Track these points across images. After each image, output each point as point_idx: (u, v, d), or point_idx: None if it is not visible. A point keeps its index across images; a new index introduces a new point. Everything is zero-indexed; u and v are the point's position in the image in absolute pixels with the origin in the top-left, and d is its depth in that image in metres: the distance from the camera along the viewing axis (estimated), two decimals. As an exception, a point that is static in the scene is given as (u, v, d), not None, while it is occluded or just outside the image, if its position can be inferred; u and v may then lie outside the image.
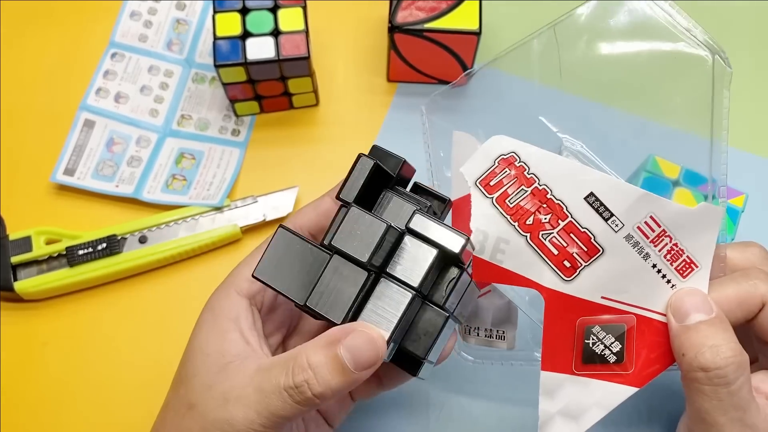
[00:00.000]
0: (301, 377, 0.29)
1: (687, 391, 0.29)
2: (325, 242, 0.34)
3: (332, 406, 0.38)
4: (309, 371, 0.29)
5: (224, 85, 0.51)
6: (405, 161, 0.36)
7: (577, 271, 0.33)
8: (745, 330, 0.33)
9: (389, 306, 0.30)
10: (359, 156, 0.35)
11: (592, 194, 0.33)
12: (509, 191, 0.34)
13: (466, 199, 0.35)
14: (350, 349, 0.29)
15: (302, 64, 0.50)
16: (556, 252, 0.33)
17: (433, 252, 0.31)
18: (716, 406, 0.28)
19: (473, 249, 0.34)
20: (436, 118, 0.55)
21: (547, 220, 0.33)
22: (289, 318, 0.38)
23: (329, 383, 0.29)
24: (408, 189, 0.37)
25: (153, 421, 0.47)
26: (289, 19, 0.50)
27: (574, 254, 0.33)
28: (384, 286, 0.30)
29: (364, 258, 0.29)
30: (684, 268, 0.32)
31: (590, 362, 0.32)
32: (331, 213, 0.35)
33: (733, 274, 0.33)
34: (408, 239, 0.31)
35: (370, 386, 0.37)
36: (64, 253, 0.49)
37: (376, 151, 0.36)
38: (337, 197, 0.34)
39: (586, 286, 0.33)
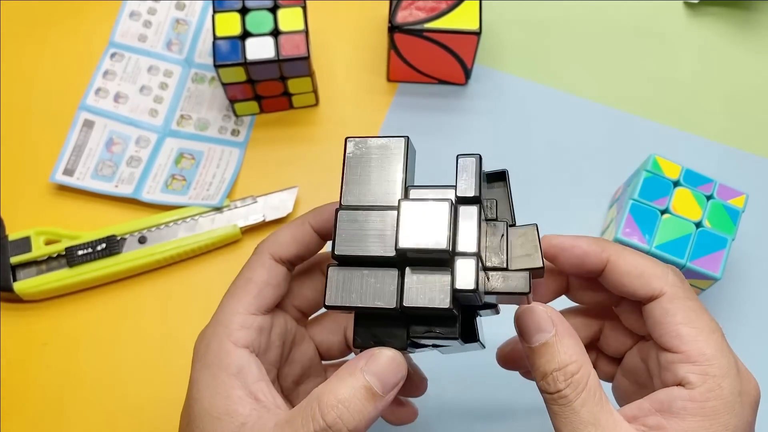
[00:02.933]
0: (333, 415, 0.28)
1: (547, 408, 0.30)
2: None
3: None
4: (340, 406, 0.28)
5: (224, 85, 0.51)
6: None
7: None
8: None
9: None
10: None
11: None
12: None
13: None
14: (375, 373, 0.28)
15: (302, 64, 0.50)
16: None
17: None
18: (564, 424, 0.29)
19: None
20: (437, 119, 0.55)
21: None
22: (281, 351, 0.35)
23: (363, 413, 0.28)
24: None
25: (152, 421, 0.47)
26: (289, 19, 0.50)
27: None
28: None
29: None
30: None
31: None
32: (311, 243, 0.34)
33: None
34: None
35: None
36: (64, 253, 0.49)
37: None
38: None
39: None
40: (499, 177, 0.32)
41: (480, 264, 0.28)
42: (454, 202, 0.28)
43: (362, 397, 0.28)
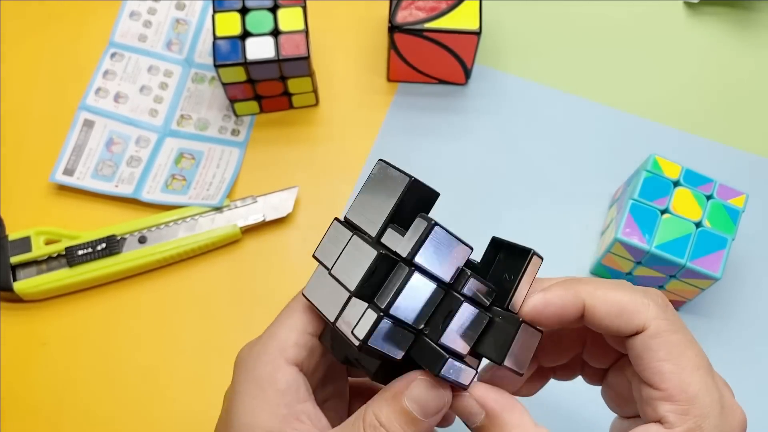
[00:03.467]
0: None
1: None
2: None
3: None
4: (381, 429, 0.28)
5: (224, 85, 0.51)
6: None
7: None
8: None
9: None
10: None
11: None
12: None
13: None
14: (415, 400, 0.28)
15: (302, 64, 0.50)
16: None
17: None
18: None
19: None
20: (437, 120, 0.55)
21: None
22: (324, 369, 0.35)
23: None
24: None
25: (152, 421, 0.47)
26: (289, 18, 0.50)
27: None
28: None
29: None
30: None
31: None
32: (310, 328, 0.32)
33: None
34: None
35: None
36: (64, 253, 0.49)
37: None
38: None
39: None
40: (522, 253, 0.30)
41: (387, 320, 0.28)
42: (380, 251, 0.28)
43: (402, 421, 0.28)
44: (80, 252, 0.49)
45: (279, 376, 0.30)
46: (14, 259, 0.49)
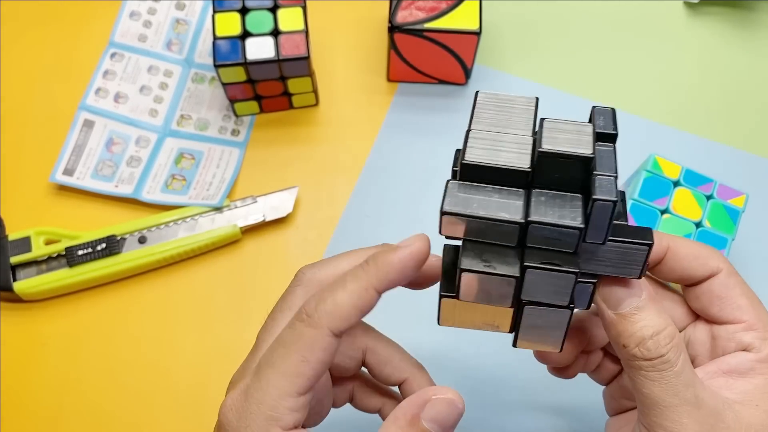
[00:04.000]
0: None
1: (633, 379, 0.30)
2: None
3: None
4: None
5: (224, 85, 0.51)
6: None
7: None
8: None
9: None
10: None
11: None
12: None
13: None
14: (434, 419, 0.28)
15: (302, 64, 0.50)
16: None
17: None
18: (665, 389, 0.29)
19: None
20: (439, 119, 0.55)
21: None
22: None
23: None
24: None
25: (152, 421, 0.47)
26: (289, 18, 0.50)
27: None
28: None
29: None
30: None
31: None
32: (372, 307, 0.30)
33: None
34: None
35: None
36: (64, 253, 0.49)
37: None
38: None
39: None
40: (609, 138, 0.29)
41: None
42: (591, 125, 0.27)
43: None
44: (80, 252, 0.49)
45: None
46: (14, 259, 0.49)
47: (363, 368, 0.36)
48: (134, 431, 0.47)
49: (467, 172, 0.26)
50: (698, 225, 0.45)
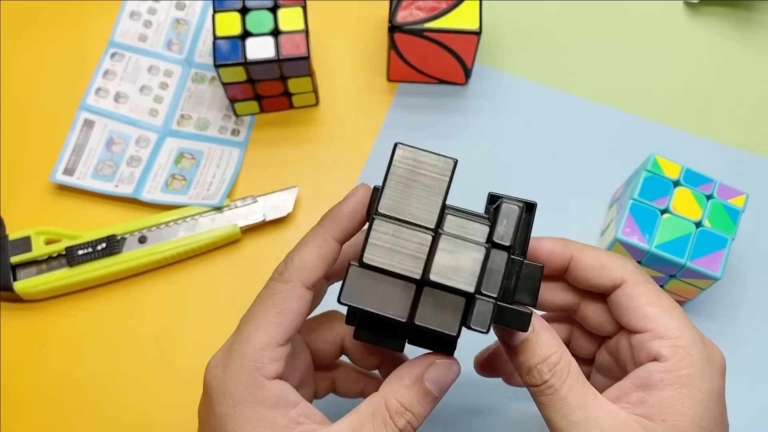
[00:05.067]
0: (403, 421, 0.30)
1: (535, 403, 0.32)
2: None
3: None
4: (407, 413, 0.30)
5: (224, 84, 0.51)
6: None
7: None
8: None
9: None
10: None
11: None
12: None
13: None
14: (435, 381, 0.31)
15: (302, 64, 0.50)
16: None
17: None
18: (554, 412, 0.31)
19: None
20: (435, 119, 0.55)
21: None
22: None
23: (424, 415, 0.31)
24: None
25: (152, 421, 0.47)
26: (289, 18, 0.50)
27: None
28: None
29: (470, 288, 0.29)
30: None
31: None
32: (335, 258, 0.32)
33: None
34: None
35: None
36: (64, 253, 0.49)
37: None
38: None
39: None
40: (528, 208, 0.33)
41: (495, 307, 0.30)
42: (487, 245, 0.29)
43: (425, 402, 0.31)
44: (80, 252, 0.49)
45: (265, 394, 0.30)
46: (14, 259, 0.49)
47: (343, 358, 0.39)
48: (134, 431, 0.47)
49: (367, 267, 0.29)
50: (698, 225, 0.45)
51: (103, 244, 0.49)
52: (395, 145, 0.31)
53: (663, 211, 0.46)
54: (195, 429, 0.34)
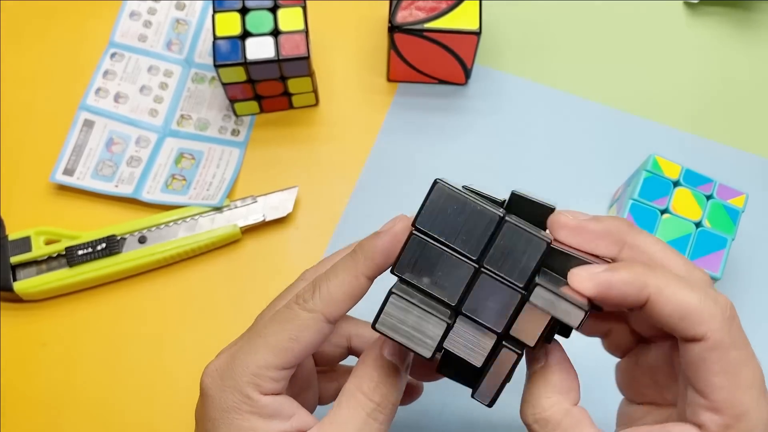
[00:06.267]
0: (378, 394, 0.31)
1: None
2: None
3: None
4: (380, 386, 0.31)
5: (224, 85, 0.51)
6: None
7: None
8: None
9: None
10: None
11: None
12: None
13: None
14: (394, 354, 0.31)
15: (302, 64, 0.50)
16: None
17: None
18: None
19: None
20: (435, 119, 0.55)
21: None
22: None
23: (394, 391, 0.32)
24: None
25: (152, 421, 0.47)
26: (289, 18, 0.50)
27: None
28: None
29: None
30: None
31: None
32: (363, 294, 0.31)
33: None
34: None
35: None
36: (64, 253, 0.49)
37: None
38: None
39: None
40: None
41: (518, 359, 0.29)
42: (523, 291, 0.28)
43: (392, 378, 0.31)
44: (80, 252, 0.49)
45: (262, 404, 0.30)
46: (14, 259, 0.49)
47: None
48: (134, 431, 0.47)
49: (401, 279, 0.29)
50: (698, 225, 0.45)
51: (103, 245, 0.49)
52: (434, 183, 0.29)
53: (663, 212, 0.46)
54: (193, 429, 0.34)
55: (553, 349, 0.30)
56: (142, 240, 0.50)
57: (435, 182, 0.29)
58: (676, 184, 0.47)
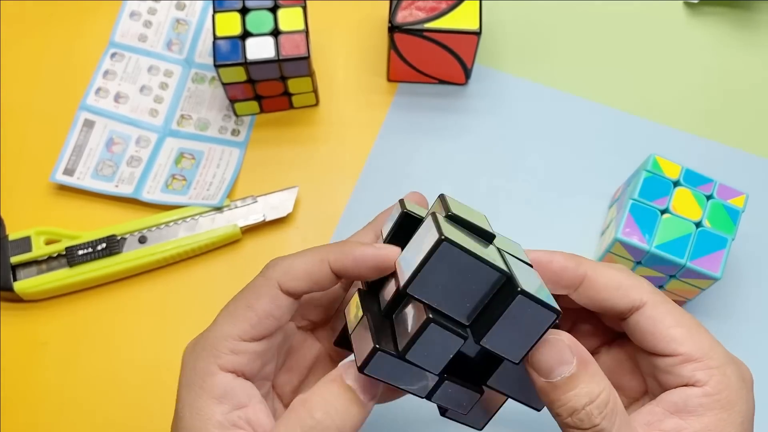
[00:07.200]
0: (321, 412, 0.29)
1: None
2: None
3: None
4: (327, 405, 0.29)
5: (224, 85, 0.51)
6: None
7: None
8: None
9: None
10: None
11: None
12: None
13: None
14: (356, 378, 0.29)
15: (302, 64, 0.50)
16: None
17: None
18: None
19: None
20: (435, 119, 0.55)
21: None
22: (275, 363, 0.34)
23: (349, 413, 0.30)
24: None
25: (152, 421, 0.47)
26: (289, 18, 0.50)
27: None
28: None
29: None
30: None
31: None
32: (325, 283, 0.31)
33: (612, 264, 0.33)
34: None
35: None
36: (64, 253, 0.49)
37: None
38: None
39: None
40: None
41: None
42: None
43: (346, 399, 0.29)
44: (80, 252, 0.49)
45: (212, 383, 0.30)
46: (14, 259, 0.49)
47: None
48: (134, 430, 0.47)
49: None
50: (698, 225, 0.45)
51: (103, 244, 0.49)
52: (439, 241, 0.26)
53: (663, 211, 0.46)
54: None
55: (575, 345, 0.29)
56: (142, 240, 0.50)
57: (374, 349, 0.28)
58: (676, 184, 0.47)
